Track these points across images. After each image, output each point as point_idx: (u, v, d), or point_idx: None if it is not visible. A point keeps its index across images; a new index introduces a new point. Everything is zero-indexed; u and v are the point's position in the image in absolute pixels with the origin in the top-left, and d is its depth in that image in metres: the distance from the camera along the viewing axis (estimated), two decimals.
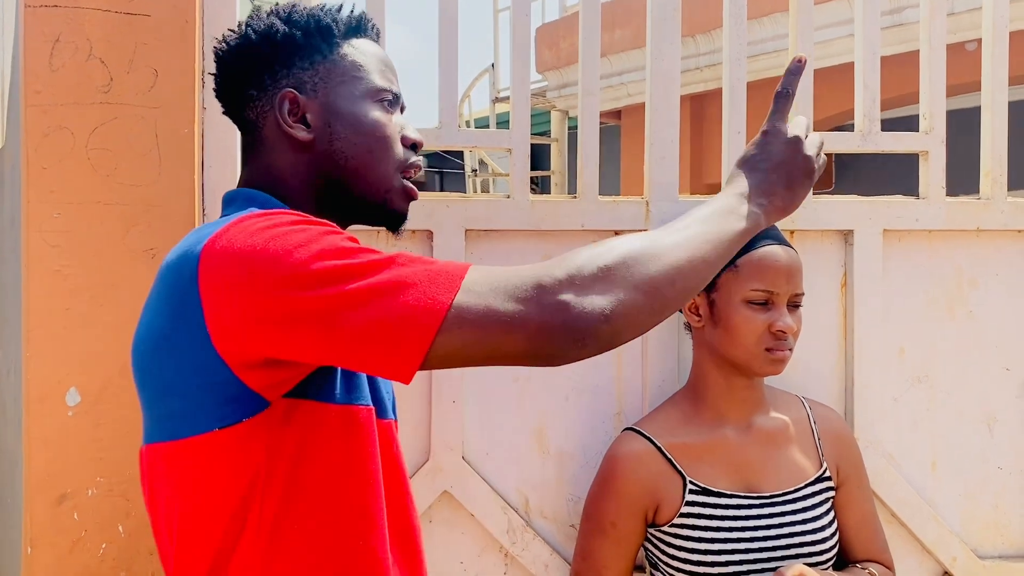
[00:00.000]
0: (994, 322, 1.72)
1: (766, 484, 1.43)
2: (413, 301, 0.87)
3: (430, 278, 0.88)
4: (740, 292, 1.40)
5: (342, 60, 1.09)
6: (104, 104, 1.41)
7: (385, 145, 1.09)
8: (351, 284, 0.87)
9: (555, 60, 6.94)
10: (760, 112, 1.23)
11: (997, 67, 1.70)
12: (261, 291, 0.89)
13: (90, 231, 1.40)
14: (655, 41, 1.64)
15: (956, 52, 1.75)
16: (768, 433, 1.46)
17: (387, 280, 0.88)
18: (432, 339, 0.86)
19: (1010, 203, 1.70)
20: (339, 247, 0.90)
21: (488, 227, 1.59)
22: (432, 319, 0.86)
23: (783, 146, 1.15)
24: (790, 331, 1.39)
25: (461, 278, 0.89)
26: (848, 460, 1.50)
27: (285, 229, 0.91)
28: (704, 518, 1.40)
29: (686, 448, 1.44)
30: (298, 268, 0.88)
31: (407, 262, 0.90)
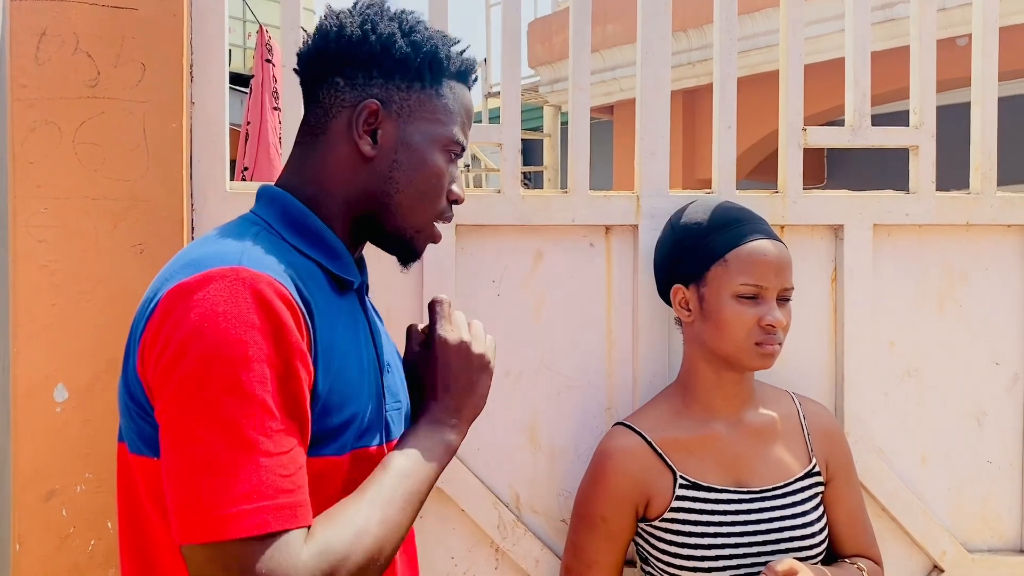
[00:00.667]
0: (983, 316, 1.72)
1: (755, 479, 1.43)
2: (219, 500, 0.84)
3: (260, 495, 0.85)
4: (729, 286, 1.39)
5: (438, 98, 1.07)
6: (91, 98, 1.40)
7: (436, 194, 1.08)
8: (215, 439, 0.85)
9: (547, 55, 6.93)
10: (751, 107, 1.23)
11: (987, 62, 1.71)
12: (174, 364, 0.88)
13: (77, 226, 1.39)
14: (646, 36, 1.63)
15: (947, 48, 1.75)
16: (758, 428, 1.46)
17: (231, 463, 0.85)
18: (187, 543, 0.85)
19: (999, 198, 1.71)
20: (250, 393, 0.86)
21: (478, 222, 1.58)
22: (208, 531, 0.84)
23: (453, 356, 1.12)
24: (779, 325, 1.38)
25: (267, 529, 0.84)
26: (837, 456, 1.50)
27: (237, 333, 0.87)
28: (694, 512, 1.40)
29: (676, 443, 1.44)
30: (203, 380, 0.86)
31: (272, 461, 0.86)
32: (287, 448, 0.88)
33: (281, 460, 0.87)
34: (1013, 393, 1.73)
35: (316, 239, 1.04)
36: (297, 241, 1.03)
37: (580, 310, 1.63)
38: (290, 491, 0.87)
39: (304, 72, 1.09)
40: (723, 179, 1.66)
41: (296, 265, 0.99)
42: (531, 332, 1.62)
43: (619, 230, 1.64)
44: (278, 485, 0.86)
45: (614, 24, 6.01)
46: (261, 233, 1.00)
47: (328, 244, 1.05)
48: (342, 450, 0.99)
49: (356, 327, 1.06)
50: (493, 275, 1.61)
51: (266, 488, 0.85)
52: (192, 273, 0.92)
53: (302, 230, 1.04)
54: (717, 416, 1.45)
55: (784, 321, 1.40)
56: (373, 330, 1.11)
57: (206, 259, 0.93)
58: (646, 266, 1.61)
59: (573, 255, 1.63)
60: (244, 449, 0.85)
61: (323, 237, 1.05)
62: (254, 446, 0.86)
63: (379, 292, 1.56)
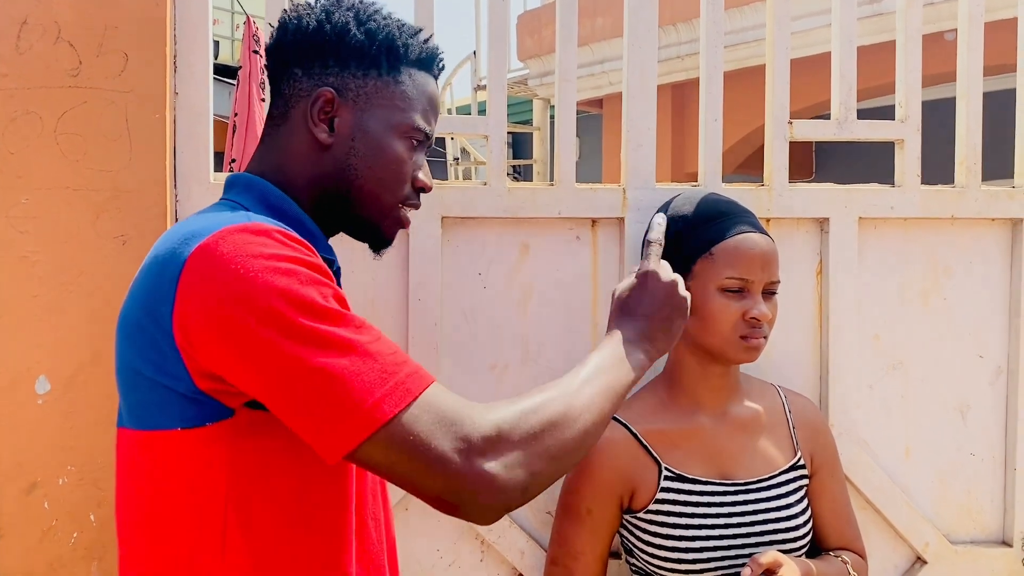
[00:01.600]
0: (968, 310, 1.73)
1: (740, 471, 1.43)
2: (358, 397, 0.88)
3: (387, 376, 0.89)
4: (715, 280, 1.38)
5: (396, 85, 1.08)
6: (73, 88, 1.39)
7: (396, 180, 1.09)
8: (317, 354, 0.88)
9: (537, 48, 6.92)
10: (739, 100, 1.24)
11: (972, 57, 1.71)
12: (234, 314, 0.88)
13: (59, 217, 1.38)
14: (632, 28, 1.63)
15: (935, 42, 1.75)
16: (743, 421, 1.46)
17: (347, 365, 0.88)
18: (358, 444, 0.88)
19: (984, 192, 1.71)
20: (321, 306, 0.90)
21: (465, 214, 1.58)
22: (367, 425, 0.87)
23: (660, 291, 1.19)
24: (765, 319, 1.38)
25: (414, 395, 0.90)
26: (822, 449, 1.50)
27: (278, 264, 0.90)
28: (679, 504, 1.40)
29: (661, 434, 1.43)
30: (275, 312, 0.88)
31: (375, 347, 0.91)
32: (376, 336, 0.92)
33: (381, 344, 0.92)
34: (996, 386, 1.74)
35: (296, 223, 1.05)
36: (283, 225, 1.02)
37: (566, 302, 1.63)
38: (405, 362, 0.92)
39: (270, 65, 1.11)
40: (709, 172, 1.66)
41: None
42: (517, 324, 1.62)
43: (605, 223, 1.63)
44: (394, 360, 0.91)
45: (603, 17, 6.01)
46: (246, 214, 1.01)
47: (306, 227, 1.06)
48: None
49: None
50: (479, 267, 1.61)
51: (388, 367, 0.90)
52: (205, 236, 0.93)
53: (281, 214, 1.04)
54: (702, 408, 1.45)
55: (770, 314, 1.39)
56: None
57: (213, 223, 0.95)
58: (632, 258, 1.61)
59: (559, 247, 1.63)
60: (349, 350, 0.89)
61: (302, 220, 1.06)
62: (354, 344, 0.89)
63: (365, 284, 1.55)
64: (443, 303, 1.58)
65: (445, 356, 1.59)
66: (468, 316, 1.60)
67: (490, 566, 1.62)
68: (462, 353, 1.60)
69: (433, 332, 1.57)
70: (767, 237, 1.42)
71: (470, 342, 1.60)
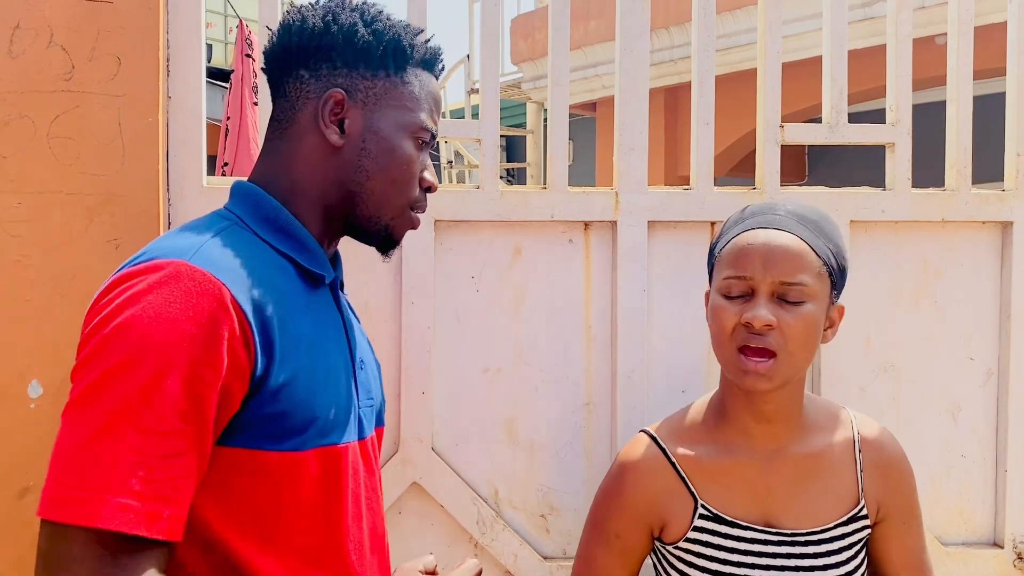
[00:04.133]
0: (958, 312, 1.74)
1: (788, 519, 1.25)
2: (67, 478, 0.84)
3: (103, 484, 0.84)
4: (717, 283, 1.24)
5: (403, 85, 1.08)
6: (66, 92, 1.38)
7: (407, 180, 1.09)
8: (92, 417, 0.86)
9: (530, 51, 6.93)
10: (732, 103, 1.24)
11: (962, 60, 1.72)
12: (86, 339, 0.91)
13: (52, 221, 1.38)
14: (624, 33, 1.64)
15: (926, 46, 1.76)
16: (799, 460, 1.27)
17: (102, 447, 0.84)
18: (40, 515, 0.85)
19: (974, 195, 1.72)
20: (138, 388, 0.86)
21: (457, 217, 1.58)
22: (48, 508, 0.84)
23: None
24: (759, 323, 1.17)
25: (90, 522, 0.83)
26: (894, 493, 1.29)
27: (157, 328, 0.87)
28: (712, 547, 1.26)
29: (700, 465, 1.27)
30: (104, 364, 0.87)
31: (131, 453, 0.85)
32: (171, 451, 0.86)
33: (159, 463, 0.85)
34: (987, 388, 1.75)
35: (287, 234, 1.04)
36: (269, 236, 1.03)
37: (559, 306, 1.64)
38: (150, 497, 0.84)
39: (270, 68, 1.10)
40: (701, 175, 1.66)
41: (264, 260, 0.99)
42: (510, 327, 1.62)
43: (598, 226, 1.64)
44: (135, 487, 0.84)
45: (596, 21, 6.02)
46: (230, 228, 1.01)
47: (299, 239, 1.05)
48: (302, 445, 0.98)
49: (328, 322, 1.06)
50: (472, 271, 1.61)
51: (125, 484, 0.83)
52: (141, 261, 0.94)
53: (274, 225, 1.04)
54: (751, 442, 1.27)
55: (769, 319, 1.17)
56: (347, 326, 1.11)
57: (159, 249, 0.95)
58: (625, 262, 1.62)
59: (552, 251, 1.63)
60: (118, 438, 0.85)
61: (293, 232, 1.05)
62: (129, 437, 0.85)
63: (357, 289, 1.56)
64: (436, 306, 1.58)
65: (438, 359, 1.59)
66: (461, 319, 1.60)
67: (484, 570, 1.62)
68: (455, 356, 1.60)
69: (426, 335, 1.57)
70: (783, 233, 1.21)
71: (463, 345, 1.61)
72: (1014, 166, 1.74)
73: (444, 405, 1.60)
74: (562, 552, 1.65)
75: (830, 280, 1.23)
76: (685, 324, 1.66)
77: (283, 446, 0.97)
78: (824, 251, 1.23)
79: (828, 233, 1.25)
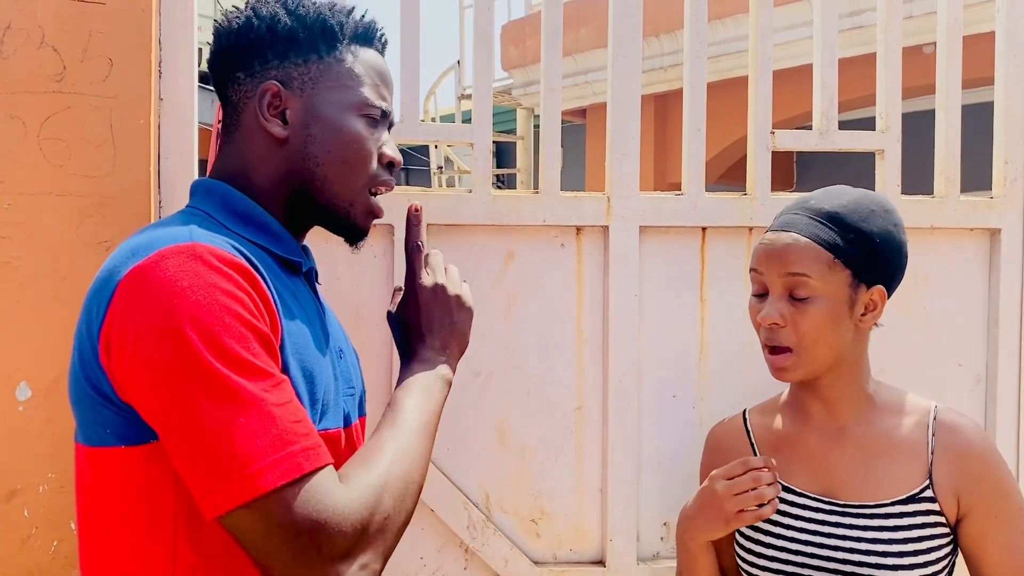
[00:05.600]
0: (947, 319, 1.75)
1: (848, 493, 1.27)
2: (244, 460, 0.84)
3: (280, 445, 0.86)
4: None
5: (338, 65, 1.06)
6: (57, 93, 1.38)
7: (359, 159, 1.07)
8: (217, 405, 0.85)
9: (521, 58, 6.95)
10: (720, 111, 1.24)
11: (951, 68, 1.73)
12: (150, 349, 0.87)
13: (42, 222, 1.37)
14: (616, 37, 1.64)
15: (913, 55, 1.77)
16: (863, 439, 1.29)
17: (243, 424, 0.85)
18: (231, 508, 0.84)
19: (963, 202, 1.74)
20: (236, 355, 0.86)
21: (450, 221, 1.58)
22: (245, 491, 0.84)
23: (430, 298, 1.17)
24: (765, 320, 1.25)
25: (302, 472, 0.86)
26: (977, 484, 1.25)
27: (202, 299, 0.87)
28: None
29: (768, 436, 1.37)
30: (188, 353, 0.86)
31: (279, 411, 0.87)
32: (287, 399, 0.89)
33: (288, 409, 0.88)
34: (976, 394, 1.76)
35: (258, 225, 1.04)
36: (240, 228, 1.02)
37: (551, 310, 1.64)
38: (306, 434, 0.88)
39: (213, 78, 1.10)
40: (693, 180, 1.67)
41: (244, 249, 0.98)
42: (502, 331, 1.62)
43: (590, 231, 1.64)
44: (295, 430, 0.87)
45: (587, 28, 6.04)
46: (204, 222, 1.00)
47: (270, 229, 1.05)
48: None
49: (308, 310, 1.06)
50: (464, 275, 1.59)
51: (286, 435, 0.86)
52: (144, 256, 0.90)
53: (244, 218, 1.03)
54: (813, 419, 1.33)
55: (772, 318, 1.24)
56: (324, 315, 1.11)
57: (155, 241, 0.92)
58: (616, 267, 1.62)
59: (544, 255, 1.63)
60: (251, 408, 0.86)
61: (264, 222, 1.04)
62: (259, 402, 0.86)
63: (349, 291, 1.55)
64: None
65: None
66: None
67: (474, 575, 1.62)
68: None
69: None
70: (790, 233, 1.25)
71: None
72: (1002, 174, 1.75)
73: None
74: (552, 557, 1.65)
75: (849, 268, 1.24)
76: (677, 329, 1.66)
77: None
78: (835, 241, 1.24)
79: (851, 222, 1.25)
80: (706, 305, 1.67)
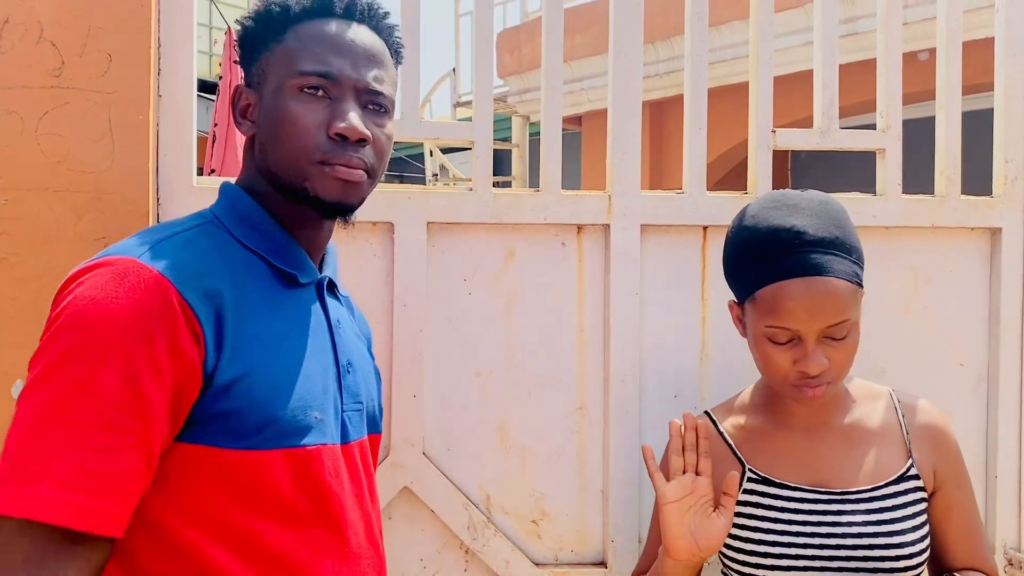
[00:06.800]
0: (949, 318, 1.74)
1: (838, 480, 1.29)
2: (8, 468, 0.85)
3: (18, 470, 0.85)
4: (758, 327, 1.26)
5: (280, 47, 1.06)
6: (55, 88, 1.37)
7: (294, 134, 1.02)
8: (32, 418, 0.87)
9: (516, 65, 6.96)
10: (717, 118, 1.24)
11: (951, 68, 1.73)
12: (41, 341, 0.93)
13: (39, 218, 1.36)
14: (617, 36, 1.64)
15: (909, 62, 1.77)
16: (845, 430, 1.32)
17: (43, 440, 0.85)
18: None
19: (964, 201, 1.73)
20: (105, 394, 0.87)
21: (450, 220, 1.58)
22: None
23: None
24: (814, 371, 1.22)
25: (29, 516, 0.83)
26: (945, 457, 1.32)
27: (92, 316, 0.89)
28: (763, 508, 1.30)
29: (749, 436, 1.34)
30: (44, 357, 0.89)
31: (62, 442, 0.85)
32: (110, 446, 0.86)
33: (95, 456, 0.85)
34: (977, 393, 1.75)
35: (261, 232, 1.05)
36: (243, 234, 1.04)
37: (552, 309, 1.63)
38: (84, 490, 0.84)
39: None
40: (693, 179, 1.66)
41: (229, 258, 1.00)
42: (502, 331, 1.61)
43: (591, 229, 1.64)
44: (70, 480, 0.84)
45: (583, 35, 6.05)
46: (202, 227, 1.02)
47: (272, 237, 1.06)
48: (261, 445, 0.96)
49: (305, 322, 1.05)
50: (465, 273, 1.60)
51: (58, 476, 0.84)
52: (97, 258, 0.96)
53: (249, 223, 1.05)
54: (798, 418, 1.33)
55: (824, 365, 1.22)
56: (332, 328, 1.09)
57: (116, 247, 0.97)
58: (617, 265, 1.61)
59: (545, 254, 1.63)
60: (52, 429, 0.85)
61: (267, 230, 1.06)
62: (64, 430, 0.85)
63: (349, 289, 1.54)
64: (428, 309, 1.57)
65: (430, 362, 1.58)
66: (453, 322, 1.59)
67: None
68: (447, 360, 1.59)
69: (418, 338, 1.55)
70: (821, 279, 1.20)
71: (455, 348, 1.59)
72: (1002, 173, 1.75)
73: (436, 409, 1.59)
74: (554, 558, 1.63)
75: (861, 287, 1.26)
76: (678, 328, 1.66)
77: (241, 444, 0.95)
78: (854, 271, 1.24)
79: (852, 243, 1.25)
80: (707, 304, 1.67)
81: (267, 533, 0.97)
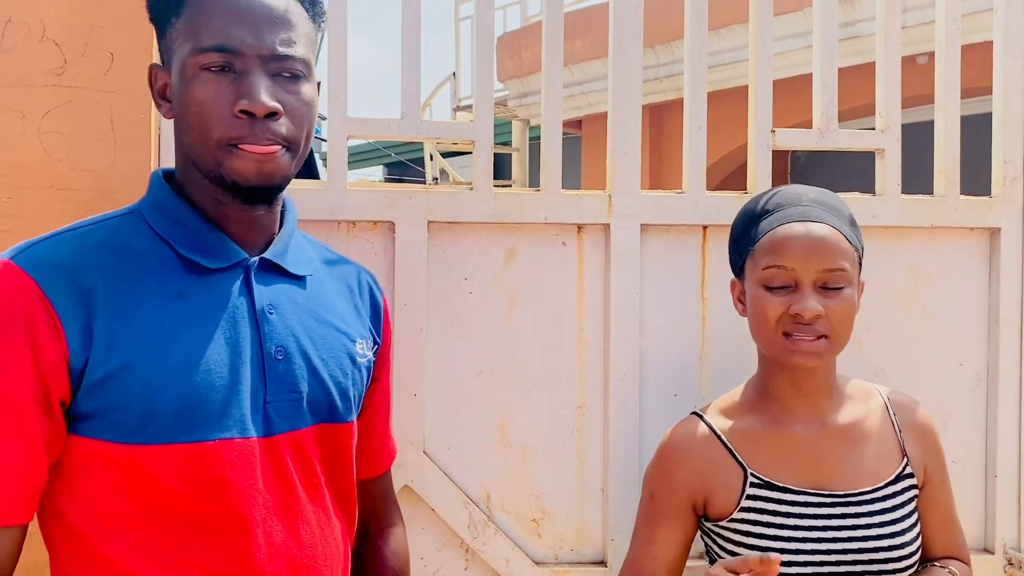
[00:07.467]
0: (948, 318, 1.75)
1: (839, 482, 1.29)
2: None
3: None
4: (756, 274, 1.29)
5: (179, 24, 0.99)
6: (58, 87, 1.37)
7: (199, 118, 0.97)
8: None
9: (516, 69, 6.97)
10: (716, 121, 1.25)
11: (950, 68, 1.74)
12: None
13: (42, 217, 1.36)
14: (617, 36, 1.64)
15: (907, 65, 1.78)
16: (842, 429, 1.32)
17: None
18: None
19: (963, 201, 1.74)
20: None
21: (451, 219, 1.58)
22: None
23: None
24: (807, 314, 1.23)
25: None
26: (933, 454, 1.35)
27: None
28: (766, 514, 1.28)
29: (747, 437, 1.32)
30: None
31: None
32: None
33: None
34: (976, 393, 1.76)
35: (173, 220, 1.03)
36: (156, 222, 1.03)
37: (552, 308, 1.63)
38: None
39: None
40: (694, 179, 1.67)
41: (128, 250, 0.99)
42: (502, 330, 1.61)
43: (591, 229, 1.64)
44: None
45: (582, 39, 6.06)
46: (120, 218, 1.03)
47: (183, 224, 1.03)
48: (149, 439, 0.95)
49: (212, 310, 1.00)
50: (465, 273, 1.60)
51: None
52: None
53: (162, 211, 1.04)
54: (795, 416, 1.32)
55: (818, 310, 1.23)
56: (258, 314, 1.02)
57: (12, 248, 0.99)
58: (618, 265, 1.62)
59: (545, 253, 1.63)
60: None
61: (179, 217, 1.03)
62: None
63: None
64: (429, 308, 1.57)
65: (431, 362, 1.58)
66: (454, 321, 1.59)
67: (475, 575, 1.60)
68: (448, 359, 1.59)
69: (419, 337, 1.56)
70: (821, 225, 1.27)
71: (456, 347, 1.60)
72: (1001, 173, 1.76)
73: (436, 407, 1.59)
74: (554, 557, 1.63)
75: (859, 261, 1.32)
76: (678, 327, 1.66)
77: (128, 439, 0.94)
78: (853, 238, 1.31)
79: (851, 218, 1.34)
80: (707, 304, 1.67)
81: (158, 531, 0.95)
